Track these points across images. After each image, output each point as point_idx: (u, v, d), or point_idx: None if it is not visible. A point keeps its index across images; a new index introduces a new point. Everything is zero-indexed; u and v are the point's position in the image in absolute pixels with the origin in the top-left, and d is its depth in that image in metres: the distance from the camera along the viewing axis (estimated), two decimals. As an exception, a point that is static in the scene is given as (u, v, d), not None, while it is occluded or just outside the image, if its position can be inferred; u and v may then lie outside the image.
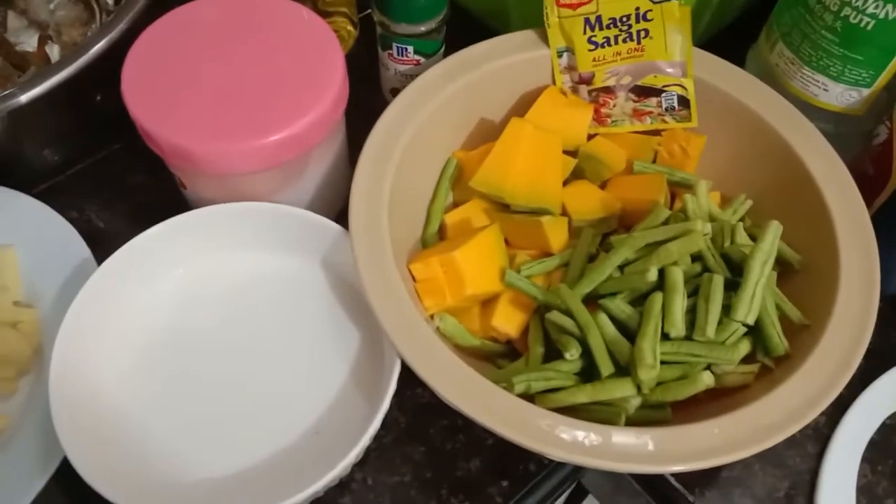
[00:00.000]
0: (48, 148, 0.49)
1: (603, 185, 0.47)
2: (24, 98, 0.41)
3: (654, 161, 0.47)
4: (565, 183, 0.46)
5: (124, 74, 0.40)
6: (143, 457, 0.38)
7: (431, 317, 0.41)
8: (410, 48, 0.49)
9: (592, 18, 0.44)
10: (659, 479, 0.43)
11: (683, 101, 0.46)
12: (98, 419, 0.38)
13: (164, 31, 0.42)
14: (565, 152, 0.46)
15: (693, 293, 0.40)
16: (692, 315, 0.39)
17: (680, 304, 0.38)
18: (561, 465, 0.43)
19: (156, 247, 0.41)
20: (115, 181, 0.51)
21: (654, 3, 0.43)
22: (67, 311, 0.38)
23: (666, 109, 0.46)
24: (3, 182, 0.46)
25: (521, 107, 0.47)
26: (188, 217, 0.41)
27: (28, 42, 0.49)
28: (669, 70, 0.45)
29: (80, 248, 0.44)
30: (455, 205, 0.47)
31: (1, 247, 0.44)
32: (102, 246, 0.43)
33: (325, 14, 0.54)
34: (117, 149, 0.52)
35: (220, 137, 0.39)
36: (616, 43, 0.44)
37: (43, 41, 0.50)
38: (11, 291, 0.43)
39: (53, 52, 0.49)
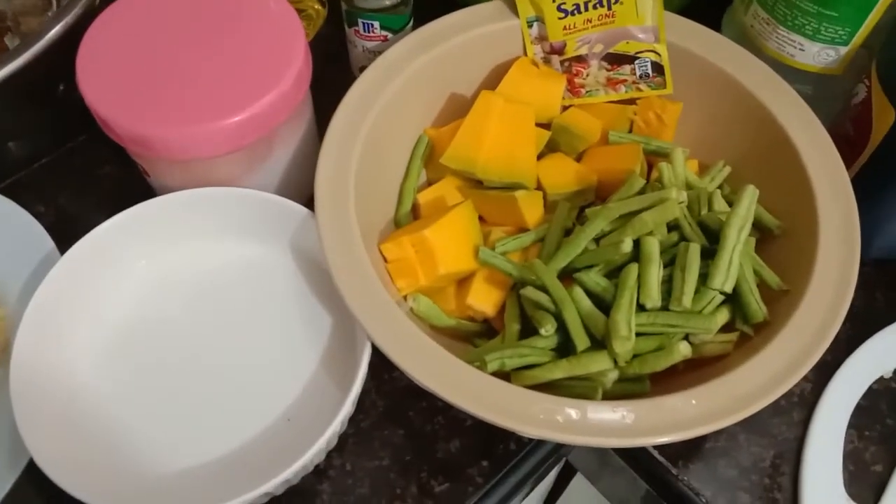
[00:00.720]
0: (13, 141, 0.48)
1: (578, 158, 0.46)
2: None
3: (630, 131, 0.46)
4: (540, 156, 0.45)
5: (79, 60, 0.39)
6: (112, 449, 0.38)
7: (405, 298, 0.40)
8: (377, 24, 0.48)
9: (559, -15, 0.43)
10: (643, 453, 0.43)
11: (657, 68, 0.45)
12: (66, 414, 0.38)
13: (120, 14, 0.41)
14: (539, 125, 0.45)
15: (670, 263, 0.39)
16: (669, 285, 0.38)
17: (655, 274, 0.37)
18: (542, 443, 0.42)
19: (118, 237, 0.41)
20: (82, 173, 0.50)
21: (621, -34, 0.42)
22: (28, 306, 0.37)
23: (640, 77, 0.45)
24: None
25: (493, 80, 0.46)
26: (148, 205, 0.41)
27: (-14, 33, 0.48)
28: (641, 36, 0.44)
29: (45, 243, 0.43)
30: (429, 183, 0.46)
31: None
32: (71, 239, 0.42)
33: (291, -7, 0.53)
34: (84, 140, 0.51)
35: (178, 121, 0.38)
36: (586, 10, 0.43)
37: (2, 33, 0.49)
38: (-24, 290, 0.42)
39: (14, 43, 0.48)
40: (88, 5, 0.42)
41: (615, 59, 0.45)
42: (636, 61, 0.44)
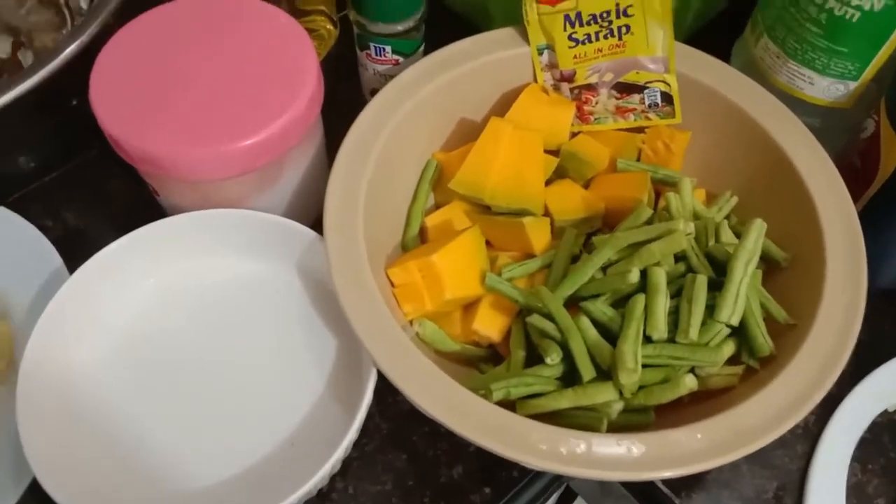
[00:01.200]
0: (23, 156, 0.48)
1: (586, 185, 0.46)
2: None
3: (638, 159, 0.47)
4: (548, 182, 0.45)
5: (93, 79, 0.39)
6: (115, 472, 0.38)
7: (411, 323, 0.40)
8: (388, 48, 0.48)
9: (572, 15, 0.43)
10: (645, 482, 0.43)
11: (667, 98, 0.45)
12: (70, 435, 0.38)
13: (135, 34, 0.41)
14: (547, 151, 0.45)
15: (676, 294, 0.39)
16: (675, 316, 0.38)
17: (662, 305, 0.38)
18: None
19: (125, 257, 0.41)
20: (91, 188, 0.50)
21: (634, -3, 0.42)
22: (35, 327, 0.38)
23: (649, 106, 0.45)
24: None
25: (503, 105, 0.46)
26: (157, 226, 0.41)
27: (0, 48, 0.48)
28: (652, 66, 0.44)
29: (52, 259, 0.43)
30: (436, 207, 0.46)
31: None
32: (79, 254, 0.43)
33: (303, 13, 0.53)
34: (94, 154, 0.51)
35: (190, 144, 0.38)
36: (597, 39, 0.43)
37: (16, 47, 0.49)
38: (-19, 304, 0.42)
39: (27, 58, 0.48)
40: (104, 24, 0.43)
41: (624, 88, 0.45)
42: (645, 91, 0.45)
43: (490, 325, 0.41)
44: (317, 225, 0.41)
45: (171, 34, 0.41)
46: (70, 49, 0.42)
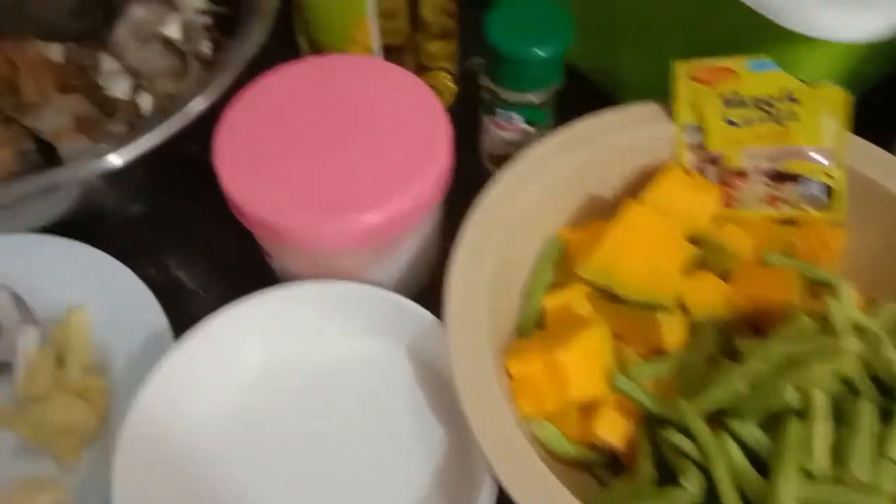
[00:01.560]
0: (136, 203, 0.47)
1: (724, 276, 0.42)
2: (119, 160, 0.39)
3: (785, 254, 0.42)
4: (684, 272, 0.41)
5: (217, 139, 0.38)
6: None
7: (527, 420, 0.37)
8: (517, 115, 0.45)
9: (730, 96, 0.39)
10: None
11: (827, 190, 0.40)
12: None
13: (262, 91, 0.39)
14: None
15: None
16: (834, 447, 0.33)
17: (824, 435, 0.33)
18: None
19: (233, 327, 0.39)
20: (199, 239, 0.49)
21: (808, 85, 0.38)
22: (138, 392, 0.36)
23: (805, 197, 0.41)
24: (82, 235, 0.44)
25: (636, 184, 0.43)
26: (268, 297, 0.39)
27: (117, 87, 0.47)
28: (816, 156, 0.39)
29: (155, 314, 0.41)
30: (555, 285, 0.43)
31: (73, 307, 0.42)
32: (182, 310, 0.41)
33: (426, 69, 0.51)
34: (206, 206, 0.49)
35: (311, 214, 0.35)
36: (756, 123, 0.39)
37: (135, 89, 0.48)
38: (81, 355, 0.41)
39: (144, 100, 0.48)
40: (234, 80, 0.41)
41: (780, 177, 0.40)
42: (804, 181, 0.40)
43: (613, 430, 0.37)
44: (424, 294, 0.38)
45: (296, 95, 0.39)
46: (201, 105, 0.41)
